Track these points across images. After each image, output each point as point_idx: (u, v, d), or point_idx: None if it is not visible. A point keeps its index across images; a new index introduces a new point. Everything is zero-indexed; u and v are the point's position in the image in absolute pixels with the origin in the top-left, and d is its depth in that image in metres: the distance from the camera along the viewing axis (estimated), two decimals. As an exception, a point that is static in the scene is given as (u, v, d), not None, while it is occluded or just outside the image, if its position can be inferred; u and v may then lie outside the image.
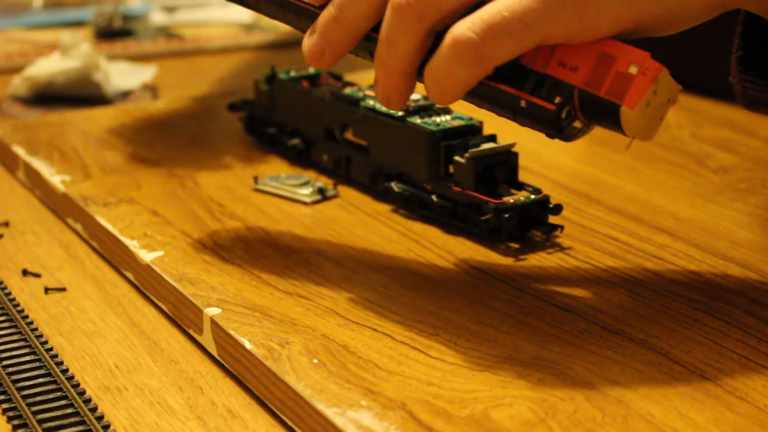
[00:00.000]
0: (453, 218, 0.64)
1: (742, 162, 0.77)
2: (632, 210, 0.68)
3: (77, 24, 1.23)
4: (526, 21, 0.50)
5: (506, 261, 0.61)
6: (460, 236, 0.64)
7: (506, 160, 0.63)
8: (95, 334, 0.58)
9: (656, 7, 0.52)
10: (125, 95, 0.96)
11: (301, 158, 0.75)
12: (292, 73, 0.76)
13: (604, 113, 0.50)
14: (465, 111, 0.69)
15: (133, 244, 0.63)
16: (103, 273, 0.65)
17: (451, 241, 0.63)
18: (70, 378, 0.53)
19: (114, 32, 1.18)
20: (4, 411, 0.50)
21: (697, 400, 0.47)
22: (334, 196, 0.70)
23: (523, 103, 0.52)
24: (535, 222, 0.63)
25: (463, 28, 0.51)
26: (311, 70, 0.77)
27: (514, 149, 0.64)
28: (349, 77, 0.77)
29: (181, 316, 0.58)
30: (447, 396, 0.48)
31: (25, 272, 0.65)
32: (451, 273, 0.60)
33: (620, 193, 0.71)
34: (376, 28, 0.55)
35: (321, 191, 0.69)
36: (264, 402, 0.51)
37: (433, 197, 0.64)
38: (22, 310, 0.60)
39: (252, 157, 0.77)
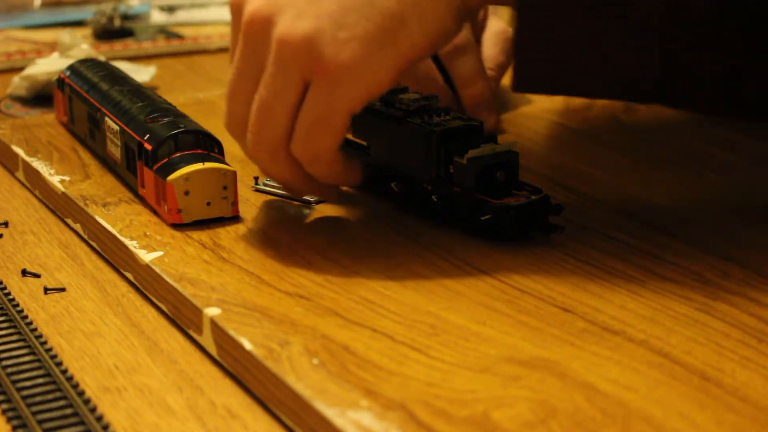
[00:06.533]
0: (453, 218, 0.64)
1: (743, 162, 0.77)
2: (632, 210, 0.68)
3: (77, 24, 1.23)
4: None
5: (506, 261, 0.61)
6: (460, 236, 0.63)
7: (506, 160, 0.63)
8: (95, 335, 0.58)
9: (419, 40, 0.60)
10: (125, 95, 0.96)
11: (300, 158, 0.75)
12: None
13: None
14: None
15: (132, 245, 0.63)
16: (103, 273, 0.65)
17: (451, 241, 0.63)
18: (70, 378, 0.53)
19: (114, 32, 1.18)
20: (4, 411, 0.50)
21: (697, 400, 0.47)
22: (334, 196, 0.70)
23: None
24: (535, 222, 0.63)
25: None
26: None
27: (515, 149, 0.64)
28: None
29: (181, 316, 0.58)
30: (447, 396, 0.48)
31: (24, 272, 0.65)
32: (451, 273, 0.59)
33: (620, 193, 0.71)
34: None
35: (321, 191, 0.69)
36: (264, 402, 0.51)
37: (433, 197, 0.64)
38: (22, 311, 0.60)
39: (252, 157, 0.77)
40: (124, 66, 1.01)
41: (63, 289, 0.63)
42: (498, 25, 0.85)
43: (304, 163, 0.61)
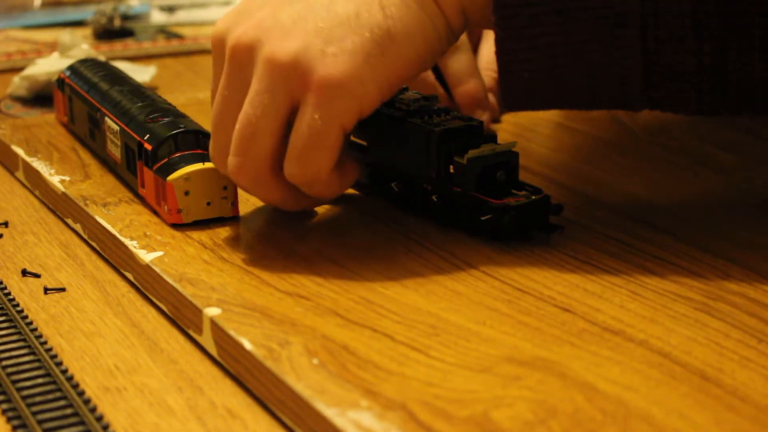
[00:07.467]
0: (453, 218, 0.64)
1: (743, 162, 0.77)
2: (632, 210, 0.68)
3: (77, 24, 1.23)
4: None
5: (506, 261, 0.61)
6: (460, 236, 0.63)
7: (506, 160, 0.63)
8: (95, 335, 0.58)
9: (408, 56, 0.60)
10: (125, 95, 0.96)
11: (300, 158, 0.75)
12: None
13: None
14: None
15: (132, 245, 0.63)
16: (103, 273, 0.65)
17: (451, 241, 0.63)
18: (70, 378, 0.53)
19: (114, 32, 1.18)
20: (4, 411, 0.50)
21: (697, 400, 0.47)
22: (334, 196, 0.70)
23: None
24: (535, 222, 0.63)
25: None
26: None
27: (515, 149, 0.64)
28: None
29: (181, 316, 0.58)
30: (447, 396, 0.48)
31: (24, 272, 0.65)
32: (451, 273, 0.59)
33: (620, 193, 0.71)
34: None
35: (321, 191, 0.69)
36: (264, 402, 0.51)
37: (433, 197, 0.64)
38: (22, 311, 0.60)
39: (252, 157, 0.77)
40: (124, 66, 1.01)
41: (63, 289, 0.63)
42: None
43: (301, 185, 0.61)
